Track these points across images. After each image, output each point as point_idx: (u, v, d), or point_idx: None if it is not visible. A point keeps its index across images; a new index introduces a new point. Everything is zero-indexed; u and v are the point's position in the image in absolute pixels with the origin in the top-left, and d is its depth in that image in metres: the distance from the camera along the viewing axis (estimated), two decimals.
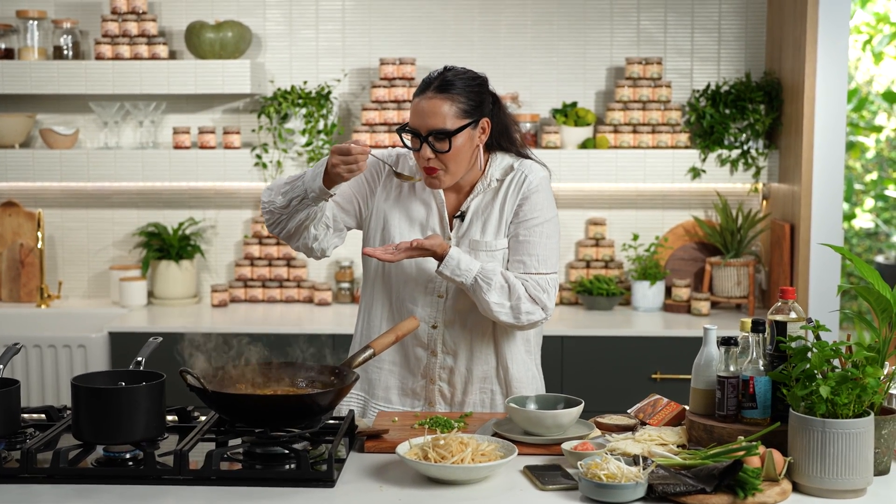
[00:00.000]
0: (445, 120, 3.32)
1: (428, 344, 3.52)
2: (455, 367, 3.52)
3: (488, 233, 3.47)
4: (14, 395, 3.02)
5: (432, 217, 3.50)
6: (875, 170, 9.70)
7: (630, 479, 2.61)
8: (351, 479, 2.82)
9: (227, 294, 5.78)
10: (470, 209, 3.49)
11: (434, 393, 3.54)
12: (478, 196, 3.49)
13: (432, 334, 3.51)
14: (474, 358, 3.52)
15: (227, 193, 5.94)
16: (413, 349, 3.53)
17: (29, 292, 5.85)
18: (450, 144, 3.32)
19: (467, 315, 3.49)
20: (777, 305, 2.93)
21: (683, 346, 5.07)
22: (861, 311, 5.91)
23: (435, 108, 3.33)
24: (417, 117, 3.35)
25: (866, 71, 9.75)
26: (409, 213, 3.51)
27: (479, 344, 3.52)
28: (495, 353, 3.54)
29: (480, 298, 3.36)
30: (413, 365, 3.55)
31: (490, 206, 3.49)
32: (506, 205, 3.48)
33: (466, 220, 3.48)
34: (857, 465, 2.64)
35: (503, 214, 3.48)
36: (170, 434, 3.11)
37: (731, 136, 5.62)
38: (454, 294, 3.48)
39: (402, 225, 3.51)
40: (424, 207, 3.52)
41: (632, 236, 5.84)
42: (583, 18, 5.82)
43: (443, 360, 3.52)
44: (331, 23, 5.86)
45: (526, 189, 3.47)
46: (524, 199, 3.46)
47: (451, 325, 3.50)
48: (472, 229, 3.48)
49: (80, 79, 5.59)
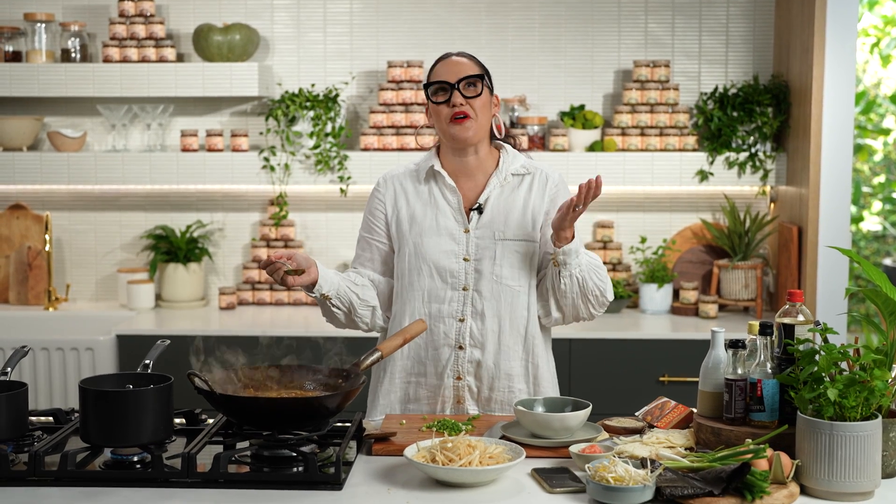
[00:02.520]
0: (474, 69, 3.52)
1: (456, 339, 3.53)
2: (483, 360, 3.52)
3: (511, 226, 3.51)
4: (22, 397, 3.03)
5: (444, 214, 3.53)
6: (883, 172, 9.68)
7: (638, 481, 2.61)
8: (359, 481, 2.82)
9: (234, 297, 5.78)
10: (490, 201, 3.53)
11: (463, 390, 3.53)
12: (495, 189, 3.54)
13: (460, 328, 3.52)
14: (501, 352, 3.53)
15: (234, 196, 5.94)
16: (437, 350, 3.54)
17: (37, 295, 5.86)
18: (481, 88, 3.49)
19: (494, 307, 3.51)
20: (785, 308, 2.92)
21: (691, 349, 5.07)
22: (869, 314, 5.91)
23: (463, 63, 3.51)
24: (447, 71, 3.51)
25: (874, 74, 9.74)
26: (419, 217, 3.55)
27: (508, 338, 3.53)
28: (523, 348, 3.55)
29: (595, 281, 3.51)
30: (438, 367, 3.55)
31: (511, 199, 3.55)
32: (530, 201, 3.55)
33: (486, 212, 3.52)
34: (864, 467, 2.64)
35: (528, 210, 3.54)
36: (177, 437, 3.12)
37: (739, 138, 5.62)
38: (479, 287, 3.50)
39: (413, 231, 3.55)
40: (433, 208, 3.55)
41: (639, 239, 5.84)
42: (590, 21, 5.82)
43: (470, 354, 3.52)
44: (338, 25, 5.86)
45: (554, 189, 3.60)
46: (555, 198, 3.58)
47: (477, 318, 3.52)
48: (494, 222, 3.52)
49: (87, 81, 5.60)
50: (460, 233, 3.51)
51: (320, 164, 5.62)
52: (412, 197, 3.58)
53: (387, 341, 3.28)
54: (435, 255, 3.50)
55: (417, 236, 3.53)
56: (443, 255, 3.50)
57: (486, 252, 3.49)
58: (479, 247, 3.50)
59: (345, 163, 5.62)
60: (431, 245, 3.51)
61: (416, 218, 3.55)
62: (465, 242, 3.50)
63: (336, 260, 5.87)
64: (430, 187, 3.58)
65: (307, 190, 5.86)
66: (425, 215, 3.54)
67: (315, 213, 5.91)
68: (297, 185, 5.72)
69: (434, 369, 3.54)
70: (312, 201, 5.90)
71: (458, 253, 3.50)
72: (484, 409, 3.53)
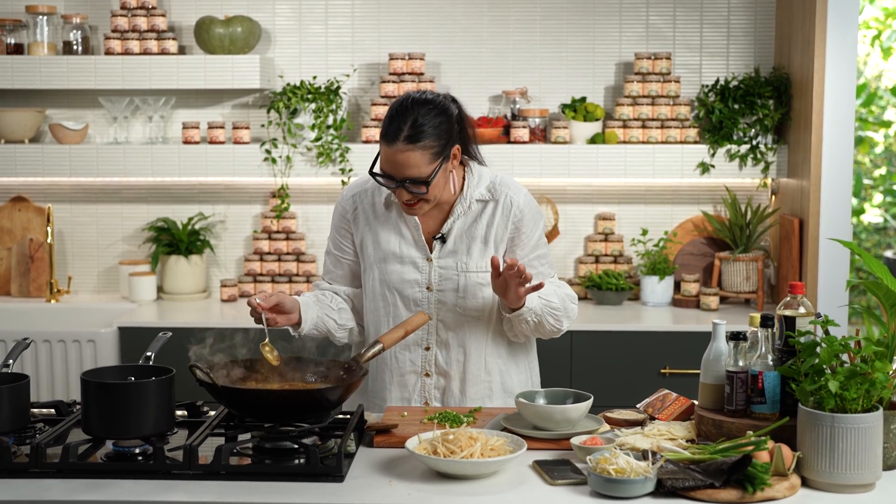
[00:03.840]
0: (420, 168, 3.30)
1: (422, 366, 3.53)
2: (448, 387, 3.53)
3: (474, 256, 3.48)
4: (24, 389, 3.03)
5: (407, 242, 3.51)
6: (884, 165, 9.68)
7: (639, 473, 2.62)
8: (360, 473, 2.82)
9: (236, 289, 5.78)
10: (453, 231, 3.50)
11: None
12: (459, 218, 3.50)
13: (426, 356, 3.53)
14: (467, 380, 3.53)
15: (236, 188, 5.94)
16: (403, 377, 3.54)
17: (38, 287, 5.86)
18: (427, 187, 3.32)
19: (458, 337, 3.51)
20: (786, 300, 2.92)
21: (692, 341, 5.07)
22: (870, 306, 5.91)
23: (408, 160, 3.29)
24: (391, 166, 3.33)
25: (875, 66, 9.74)
26: (383, 243, 3.52)
27: (472, 366, 3.52)
28: (485, 372, 3.55)
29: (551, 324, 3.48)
30: (405, 393, 3.56)
31: (474, 227, 3.50)
32: (492, 229, 3.49)
33: (450, 241, 3.49)
34: (865, 459, 2.64)
35: (490, 237, 3.49)
36: (179, 429, 3.13)
37: (740, 131, 5.61)
38: (443, 316, 3.49)
39: (377, 254, 3.53)
40: (397, 235, 3.52)
41: (641, 231, 5.84)
42: (592, 13, 5.81)
43: (437, 381, 3.53)
44: (340, 17, 5.86)
45: (518, 215, 3.50)
46: (519, 224, 3.51)
47: (442, 347, 3.52)
48: (457, 252, 3.48)
49: (89, 74, 5.60)
50: (423, 261, 3.49)
51: (322, 157, 5.62)
52: (376, 221, 3.54)
53: (388, 333, 3.28)
54: (398, 283, 3.49)
55: (381, 261, 3.51)
56: (406, 284, 3.49)
57: (448, 283, 3.48)
58: (442, 276, 3.48)
59: (346, 155, 5.62)
60: (395, 273, 3.49)
61: (381, 243, 3.52)
62: (428, 272, 3.49)
63: None
64: (393, 213, 3.53)
65: (309, 182, 5.86)
66: (389, 241, 3.52)
67: (317, 206, 5.91)
68: (298, 177, 5.72)
69: (400, 394, 3.55)
70: (314, 193, 5.90)
71: (421, 282, 3.49)
72: None
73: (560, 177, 5.63)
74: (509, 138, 5.65)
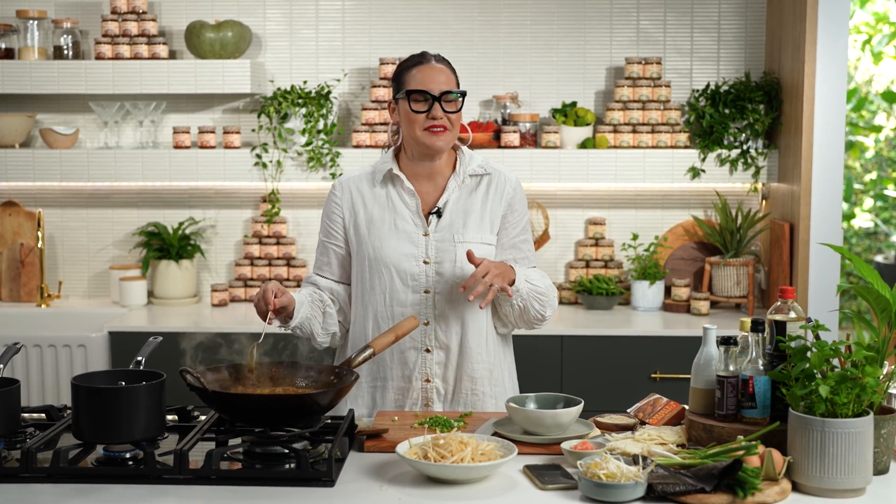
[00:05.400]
0: (455, 83, 3.53)
1: (422, 342, 3.54)
2: (447, 362, 3.55)
3: (470, 228, 3.54)
4: (14, 394, 3.02)
5: (402, 217, 3.55)
6: (874, 169, 9.70)
7: (630, 478, 2.62)
8: (351, 478, 2.82)
9: (227, 293, 5.78)
10: (448, 205, 3.55)
11: (431, 391, 3.55)
12: (454, 192, 3.57)
13: (425, 331, 3.54)
14: (463, 354, 3.56)
15: (227, 193, 5.94)
16: (403, 353, 3.55)
17: (29, 292, 5.85)
18: (461, 103, 3.49)
19: (457, 310, 3.53)
20: (776, 305, 2.93)
21: (683, 346, 5.08)
22: (860, 311, 5.92)
23: (445, 73, 3.51)
24: (430, 80, 3.49)
25: (866, 71, 9.76)
26: (377, 220, 3.56)
27: (471, 340, 3.55)
28: (485, 349, 3.58)
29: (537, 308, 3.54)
30: (406, 370, 3.56)
31: (469, 202, 3.57)
32: (488, 204, 3.58)
33: (445, 215, 3.54)
34: (856, 464, 2.64)
35: (486, 213, 3.57)
36: (170, 433, 3.12)
37: (731, 135, 5.62)
38: (441, 289, 3.51)
39: (372, 232, 3.56)
40: (391, 212, 3.56)
41: (631, 236, 5.84)
42: (582, 18, 5.82)
43: (437, 356, 3.54)
44: (331, 22, 5.86)
45: (511, 193, 3.62)
46: (512, 202, 3.62)
47: (441, 321, 3.53)
48: (453, 225, 3.53)
49: (80, 78, 5.59)
50: (419, 236, 3.53)
51: (312, 161, 5.62)
52: (369, 200, 3.59)
53: (379, 338, 3.29)
54: (395, 257, 3.52)
55: (377, 240, 3.54)
56: (403, 257, 3.52)
57: (446, 255, 3.51)
58: (439, 249, 3.52)
59: (337, 160, 5.62)
60: (391, 248, 3.52)
61: (375, 221, 3.56)
62: (425, 246, 3.52)
63: None
64: (387, 190, 3.58)
65: (299, 187, 5.86)
66: (383, 219, 3.55)
67: (307, 210, 5.91)
68: (289, 181, 5.71)
69: (401, 372, 3.57)
70: (304, 198, 5.90)
71: (418, 256, 3.52)
72: (448, 410, 3.56)
73: (550, 181, 5.64)
74: (500, 143, 5.65)
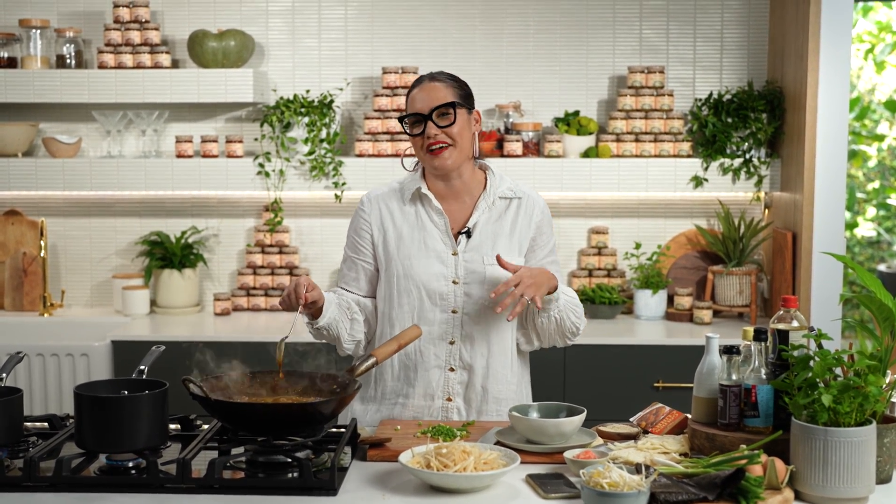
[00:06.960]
0: (446, 97, 3.47)
1: (447, 361, 3.53)
2: (471, 382, 3.53)
3: (500, 248, 3.53)
4: (17, 403, 3.03)
5: (432, 236, 3.53)
6: (877, 178, 9.70)
7: (632, 487, 2.61)
8: (353, 487, 2.82)
9: (229, 302, 5.78)
10: (478, 225, 3.54)
11: (451, 411, 3.54)
12: (483, 214, 3.55)
13: (450, 350, 3.53)
14: (490, 376, 3.54)
15: (229, 202, 5.94)
16: (427, 372, 3.54)
17: (32, 301, 5.85)
18: (454, 116, 3.44)
19: (484, 331, 3.52)
20: (779, 314, 2.93)
21: (686, 355, 5.07)
22: (863, 320, 5.91)
23: (436, 89, 3.47)
24: (420, 99, 3.47)
25: (868, 80, 9.76)
26: (407, 238, 3.55)
27: (496, 361, 3.54)
28: (511, 371, 3.57)
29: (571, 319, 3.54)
30: (429, 388, 3.55)
31: (498, 225, 3.56)
32: (517, 228, 3.57)
33: (475, 236, 3.53)
34: (859, 473, 2.64)
35: (514, 236, 3.56)
36: (172, 442, 3.12)
37: (734, 144, 5.62)
38: (469, 309, 3.50)
39: (401, 250, 3.54)
40: (420, 230, 3.55)
41: (634, 245, 5.84)
42: (585, 27, 5.82)
43: (460, 376, 3.53)
44: (333, 31, 5.86)
45: (540, 216, 3.62)
46: (541, 225, 3.62)
47: (467, 341, 3.52)
48: (482, 246, 3.52)
49: (82, 88, 5.60)
50: (448, 255, 3.52)
51: (315, 170, 5.62)
52: (398, 218, 3.57)
53: (381, 347, 3.28)
54: (424, 276, 3.50)
55: (406, 258, 3.52)
56: (432, 277, 3.50)
57: (474, 276, 3.50)
58: (468, 270, 3.50)
59: (339, 169, 5.63)
60: (420, 267, 3.51)
61: (404, 239, 3.54)
62: (454, 265, 3.51)
63: (330, 266, 5.87)
64: (416, 209, 3.57)
65: (302, 196, 5.86)
66: (413, 237, 3.54)
67: (310, 219, 5.91)
68: (291, 191, 5.71)
69: (423, 391, 3.55)
70: (307, 207, 5.91)
71: (448, 276, 3.51)
72: None
73: (553, 190, 5.63)
74: (502, 152, 5.66)
